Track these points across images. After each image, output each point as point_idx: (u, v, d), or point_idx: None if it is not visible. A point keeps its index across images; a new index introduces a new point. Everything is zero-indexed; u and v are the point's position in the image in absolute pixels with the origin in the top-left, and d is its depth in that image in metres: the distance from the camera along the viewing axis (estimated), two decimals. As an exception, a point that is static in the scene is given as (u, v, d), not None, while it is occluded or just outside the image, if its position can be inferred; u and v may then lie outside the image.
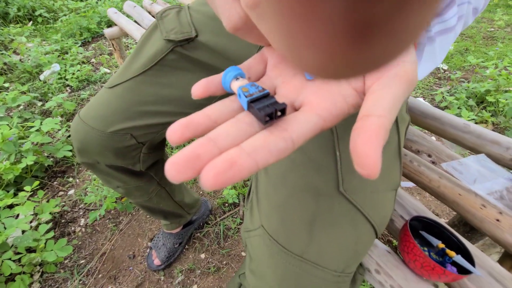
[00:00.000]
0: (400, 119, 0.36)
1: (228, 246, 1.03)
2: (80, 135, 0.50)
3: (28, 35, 2.42)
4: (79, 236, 1.07)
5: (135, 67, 0.49)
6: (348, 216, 0.29)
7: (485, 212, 0.38)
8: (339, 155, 0.30)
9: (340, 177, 0.30)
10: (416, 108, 0.56)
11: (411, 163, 0.46)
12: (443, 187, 0.42)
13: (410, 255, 0.31)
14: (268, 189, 0.32)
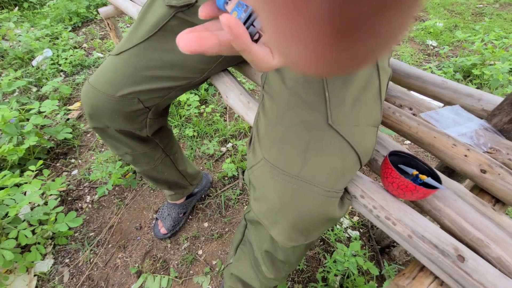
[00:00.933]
0: (381, 69, 0.41)
1: (229, 215, 1.10)
2: (91, 100, 0.54)
3: (16, 21, 2.37)
4: (86, 211, 1.12)
5: (139, 34, 0.52)
6: (336, 143, 0.34)
7: (455, 150, 0.44)
8: (328, 95, 0.35)
9: (329, 112, 0.35)
10: (400, 70, 0.61)
11: (393, 114, 0.52)
12: (421, 133, 0.48)
13: (388, 179, 0.37)
14: (268, 128, 0.37)
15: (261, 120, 0.40)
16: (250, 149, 0.41)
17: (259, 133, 0.39)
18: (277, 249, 0.44)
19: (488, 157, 0.42)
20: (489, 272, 0.30)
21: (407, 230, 0.35)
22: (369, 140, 0.37)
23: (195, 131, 1.40)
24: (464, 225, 0.35)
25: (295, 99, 0.37)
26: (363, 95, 0.37)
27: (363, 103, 0.37)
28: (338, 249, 0.90)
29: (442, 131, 0.47)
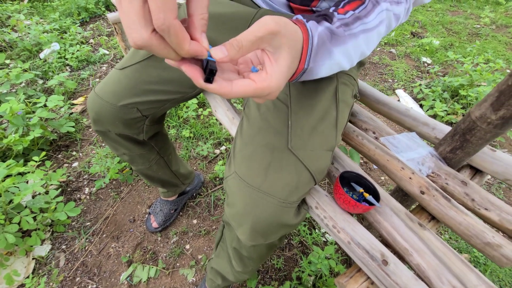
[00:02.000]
0: (341, 101, 0.49)
1: (217, 214, 1.18)
2: (95, 107, 0.61)
3: (26, 13, 2.44)
4: (84, 202, 1.20)
5: (141, 52, 0.60)
6: (292, 164, 0.42)
7: (403, 173, 0.52)
8: (290, 123, 0.43)
9: (289, 138, 0.42)
10: (371, 95, 0.69)
11: (357, 137, 0.59)
12: (377, 155, 0.56)
13: (337, 195, 0.44)
14: (241, 146, 0.45)
15: (238, 139, 0.48)
16: (227, 162, 0.49)
17: (235, 150, 0.47)
18: (242, 247, 0.53)
19: (428, 181, 0.50)
20: (405, 274, 0.38)
21: (347, 237, 0.42)
22: (323, 162, 0.44)
23: (192, 132, 1.47)
24: (396, 237, 0.43)
25: (265, 124, 0.44)
26: (320, 125, 0.45)
27: (319, 132, 0.44)
28: (314, 251, 0.98)
29: (395, 155, 0.55)
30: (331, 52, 0.36)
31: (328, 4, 0.52)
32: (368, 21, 0.39)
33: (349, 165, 0.53)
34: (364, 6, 0.39)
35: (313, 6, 0.52)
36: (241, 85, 0.28)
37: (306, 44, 0.33)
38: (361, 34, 0.39)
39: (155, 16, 0.22)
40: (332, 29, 0.36)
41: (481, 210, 0.47)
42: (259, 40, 0.27)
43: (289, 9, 0.54)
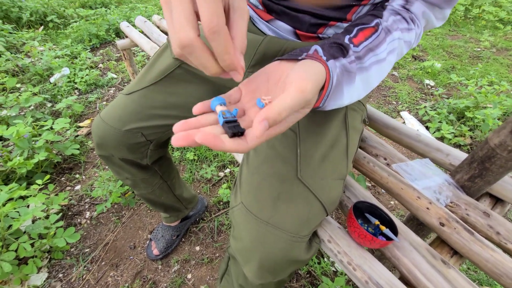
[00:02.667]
0: (351, 127, 0.47)
1: (221, 240, 1.13)
2: (100, 131, 0.61)
3: (40, 40, 2.55)
4: (84, 227, 1.17)
5: (148, 78, 0.60)
6: (303, 195, 0.39)
7: (419, 202, 0.49)
8: (299, 152, 0.41)
9: (299, 167, 0.40)
10: (379, 120, 0.67)
11: (368, 164, 0.57)
12: (390, 183, 0.53)
13: (351, 228, 0.42)
14: (248, 175, 0.43)
15: (244, 167, 0.46)
16: (233, 190, 0.47)
17: (241, 178, 0.45)
18: (248, 284, 0.49)
19: (447, 211, 0.47)
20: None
21: (364, 276, 0.39)
22: (334, 191, 0.42)
23: (196, 154, 1.46)
24: (417, 275, 0.40)
25: (272, 152, 0.43)
26: (331, 153, 0.43)
27: (330, 160, 0.43)
28: (323, 282, 0.92)
29: (409, 183, 0.52)
30: (343, 92, 0.35)
31: (334, 31, 0.52)
32: (380, 51, 0.38)
33: (361, 193, 0.50)
34: (377, 35, 0.39)
35: (320, 33, 0.52)
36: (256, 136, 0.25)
37: (326, 88, 0.32)
38: (373, 66, 0.38)
39: (208, 19, 0.23)
40: (347, 66, 0.35)
41: (508, 244, 0.43)
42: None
43: (295, 36, 0.54)
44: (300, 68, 0.30)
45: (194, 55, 0.24)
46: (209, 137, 0.23)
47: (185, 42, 0.24)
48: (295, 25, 0.53)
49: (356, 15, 0.50)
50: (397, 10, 0.43)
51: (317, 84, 0.29)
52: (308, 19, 0.51)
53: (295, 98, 0.26)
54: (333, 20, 0.50)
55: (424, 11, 0.43)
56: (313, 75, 0.29)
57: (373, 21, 0.41)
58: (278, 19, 0.55)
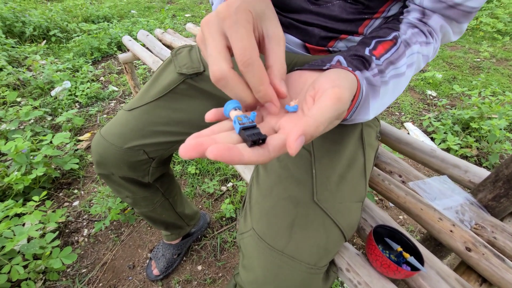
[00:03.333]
0: (367, 144, 0.44)
1: (224, 258, 1.08)
2: (100, 149, 0.58)
3: (42, 53, 2.56)
4: (82, 245, 1.12)
5: (151, 94, 0.58)
6: (320, 220, 0.36)
7: (441, 224, 0.46)
8: (315, 173, 0.38)
9: (315, 190, 0.37)
10: (391, 135, 0.65)
11: (383, 182, 0.54)
12: (408, 203, 0.50)
13: (372, 256, 0.38)
14: (259, 198, 0.40)
15: (254, 188, 0.43)
16: (242, 213, 0.43)
17: (251, 200, 0.41)
18: None
19: (473, 235, 0.44)
20: None
21: (389, 311, 0.35)
22: (353, 215, 0.39)
23: (198, 168, 1.43)
24: (447, 309, 0.36)
25: (285, 172, 0.40)
26: (348, 173, 0.40)
27: (348, 181, 0.40)
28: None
29: (429, 203, 0.49)
30: (369, 106, 0.33)
31: (345, 45, 0.50)
32: (400, 65, 0.36)
33: (378, 215, 0.47)
34: (396, 48, 0.37)
35: (330, 46, 0.50)
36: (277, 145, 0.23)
37: (355, 100, 0.30)
38: (391, 80, 0.36)
39: (241, 53, 0.24)
40: (371, 79, 0.33)
41: (543, 272, 0.39)
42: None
43: (304, 49, 0.52)
44: (331, 75, 0.27)
45: (228, 87, 0.25)
46: (223, 150, 0.20)
47: (218, 75, 0.24)
48: (304, 38, 0.51)
49: (368, 29, 0.48)
50: (414, 23, 0.41)
51: (352, 93, 0.27)
52: (318, 32, 0.49)
53: (333, 108, 0.23)
54: (344, 33, 0.48)
55: (442, 25, 0.41)
56: (348, 83, 0.27)
57: (390, 34, 0.39)
58: (286, 32, 0.53)
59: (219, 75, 0.24)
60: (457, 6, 0.39)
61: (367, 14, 0.47)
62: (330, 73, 0.28)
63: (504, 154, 1.51)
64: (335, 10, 0.47)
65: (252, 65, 0.23)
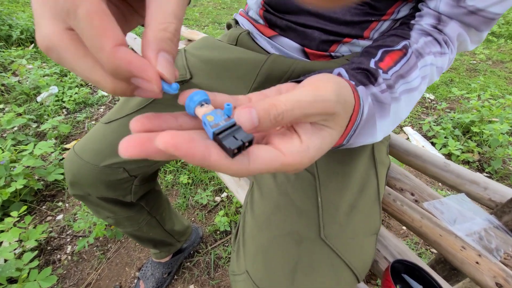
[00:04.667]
0: (379, 163, 0.38)
1: (218, 276, 1.01)
2: (73, 168, 0.51)
3: (29, 58, 2.47)
4: (64, 264, 1.04)
5: (131, 104, 0.51)
6: (328, 262, 0.30)
7: (465, 254, 0.40)
8: (321, 201, 0.32)
9: (321, 223, 0.31)
10: (399, 146, 0.59)
11: (394, 202, 0.48)
12: (425, 227, 0.44)
13: (391, 299, 0.32)
14: (254, 230, 0.34)
15: (248, 216, 0.36)
16: (234, 247, 0.37)
17: (244, 232, 0.35)
18: None
19: (503, 267, 0.38)
20: None
21: None
22: (367, 252, 0.33)
23: (190, 178, 1.36)
24: None
25: (285, 199, 0.34)
26: (360, 200, 0.34)
27: (359, 210, 0.33)
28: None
29: (449, 228, 0.43)
30: (376, 126, 0.27)
31: (348, 49, 0.44)
32: (412, 79, 0.31)
33: (393, 244, 0.40)
34: (406, 59, 0.31)
35: (332, 51, 0.45)
36: (263, 159, 0.17)
37: (354, 118, 0.24)
38: (403, 96, 0.30)
39: None
40: (378, 96, 0.27)
41: None
42: (306, 117, 0.19)
43: (303, 54, 0.47)
44: (319, 75, 0.23)
45: (65, 62, 0.15)
46: (182, 140, 0.14)
47: (43, 43, 0.15)
48: (303, 42, 0.46)
49: (375, 32, 0.43)
50: (427, 31, 0.35)
51: (341, 93, 0.21)
52: (318, 35, 0.44)
53: (307, 94, 0.18)
54: (348, 37, 0.43)
55: (460, 33, 0.36)
56: (337, 82, 0.21)
57: (399, 43, 0.33)
58: (283, 35, 0.47)
59: (44, 43, 0.15)
60: (478, 12, 0.33)
61: (374, 16, 0.41)
62: (319, 74, 0.23)
63: (507, 159, 1.47)
64: (337, 12, 0.41)
65: (76, 9, 0.13)
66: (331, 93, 0.20)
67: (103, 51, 0.14)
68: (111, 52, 0.14)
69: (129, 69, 0.14)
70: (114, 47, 0.14)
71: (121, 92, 0.16)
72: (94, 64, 0.15)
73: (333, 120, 0.21)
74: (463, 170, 0.52)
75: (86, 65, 0.15)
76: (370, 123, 0.26)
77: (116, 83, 0.15)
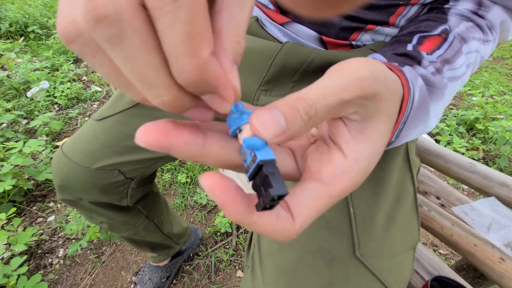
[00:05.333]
0: (413, 164, 0.34)
1: (219, 280, 0.96)
2: (62, 171, 0.45)
3: (18, 51, 2.38)
4: (56, 269, 0.98)
5: (126, 99, 0.46)
6: (365, 285, 0.25)
7: (504, 267, 0.36)
8: (353, 212, 0.27)
9: (356, 239, 0.26)
10: (419, 145, 0.54)
11: (420, 207, 0.44)
12: (457, 236, 0.39)
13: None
14: (273, 247, 0.29)
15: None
16: (249, 261, 0.32)
17: (261, 246, 0.30)
18: None
19: (548, 283, 0.33)
20: None
21: None
22: (406, 269, 0.28)
23: (189, 176, 1.31)
24: None
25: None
26: (397, 210, 0.29)
27: (397, 222, 0.29)
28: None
29: (483, 236, 0.39)
30: (428, 113, 0.23)
31: (371, 37, 0.40)
32: (457, 66, 0.27)
33: (427, 258, 0.36)
34: (449, 44, 0.27)
35: (353, 39, 0.40)
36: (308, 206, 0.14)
37: (404, 106, 0.19)
38: (449, 83, 0.26)
39: None
40: (429, 78, 0.23)
41: None
42: (344, 105, 0.15)
43: (320, 43, 0.42)
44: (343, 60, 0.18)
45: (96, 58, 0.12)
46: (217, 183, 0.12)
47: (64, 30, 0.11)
48: (320, 30, 0.41)
49: (401, 18, 0.38)
50: (467, 16, 0.31)
51: (376, 69, 0.17)
52: (338, 22, 0.39)
53: (336, 77, 0.15)
54: (372, 23, 0.38)
55: (504, 19, 0.31)
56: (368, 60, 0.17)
57: (437, 28, 0.29)
58: (297, 21, 0.42)
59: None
60: None
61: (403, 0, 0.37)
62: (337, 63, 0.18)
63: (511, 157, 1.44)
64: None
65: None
66: (364, 69, 0.16)
67: (195, 56, 0.10)
68: (205, 61, 0.11)
69: (214, 85, 0.12)
70: (211, 55, 0.11)
71: (179, 107, 0.13)
72: (162, 63, 0.11)
73: (377, 106, 0.16)
74: (490, 171, 0.48)
75: (151, 61, 0.11)
76: (423, 108, 0.22)
77: (180, 95, 0.12)
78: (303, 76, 0.42)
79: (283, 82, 0.44)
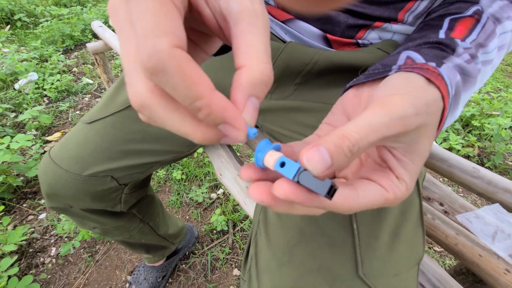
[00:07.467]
0: (419, 174, 0.32)
1: (215, 279, 0.96)
2: (50, 178, 0.43)
3: (5, 40, 2.28)
4: (48, 268, 0.96)
5: (119, 100, 0.43)
6: (370, 308, 0.24)
7: (509, 278, 0.35)
8: (357, 228, 0.26)
9: (359, 258, 0.25)
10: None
11: (424, 215, 0.43)
12: (461, 246, 0.39)
13: None
14: (271, 263, 0.27)
15: (262, 240, 0.30)
16: (246, 274, 0.30)
17: (258, 259, 0.29)
18: None
19: (555, 296, 0.33)
20: None
21: None
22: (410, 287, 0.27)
23: (184, 173, 1.28)
24: None
25: (311, 226, 0.27)
26: (403, 226, 0.28)
27: (402, 238, 0.27)
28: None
29: (488, 246, 0.38)
30: (458, 104, 0.24)
31: (378, 35, 0.38)
32: (490, 49, 0.26)
33: (431, 269, 0.35)
34: (481, 26, 0.26)
35: (359, 38, 0.38)
36: (370, 194, 0.17)
37: (444, 116, 0.21)
38: (482, 68, 0.26)
39: (143, 43, 0.13)
40: (463, 66, 0.23)
41: None
42: (385, 140, 0.16)
43: (325, 42, 0.39)
44: (394, 81, 0.20)
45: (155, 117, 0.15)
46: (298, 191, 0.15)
47: (135, 100, 0.15)
48: (325, 27, 0.38)
49: (410, 14, 0.36)
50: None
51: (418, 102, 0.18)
52: (344, 19, 0.37)
53: (379, 115, 0.16)
54: (379, 20, 0.36)
55: None
56: (411, 89, 0.19)
57: (469, 9, 0.28)
58: (300, 19, 0.40)
59: (136, 101, 0.14)
60: None
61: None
62: (392, 79, 0.20)
63: (506, 154, 1.46)
64: None
65: (164, 66, 0.12)
66: (407, 105, 0.17)
67: (200, 99, 0.13)
68: (209, 99, 0.14)
69: (223, 116, 0.14)
70: (211, 94, 0.14)
71: (211, 140, 0.15)
72: (184, 116, 0.15)
73: (419, 133, 0.18)
74: (494, 176, 0.47)
75: (177, 119, 0.15)
76: (454, 103, 0.23)
77: (206, 133, 0.15)
78: (306, 79, 0.40)
79: (285, 84, 0.41)
